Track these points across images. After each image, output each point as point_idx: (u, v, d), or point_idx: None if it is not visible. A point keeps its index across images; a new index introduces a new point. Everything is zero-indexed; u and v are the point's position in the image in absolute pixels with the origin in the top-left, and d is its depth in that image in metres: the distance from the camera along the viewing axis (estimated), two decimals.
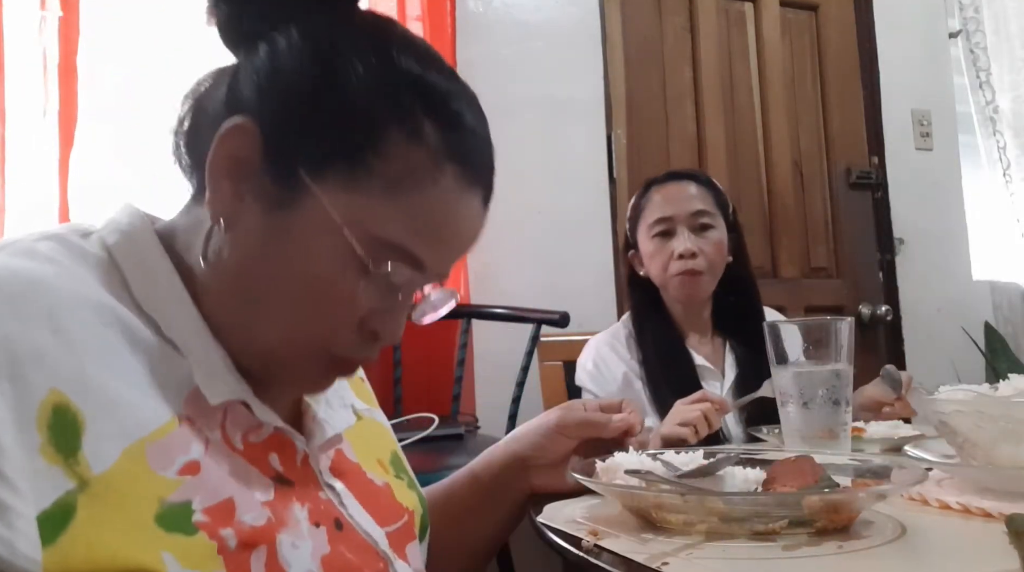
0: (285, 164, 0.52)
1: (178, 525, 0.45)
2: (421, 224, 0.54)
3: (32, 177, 1.62)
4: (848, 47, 2.72)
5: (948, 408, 0.74)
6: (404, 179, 0.53)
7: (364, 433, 0.69)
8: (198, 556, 0.45)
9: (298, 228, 0.52)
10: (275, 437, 0.55)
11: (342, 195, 0.52)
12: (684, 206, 1.48)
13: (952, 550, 0.58)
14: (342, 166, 0.52)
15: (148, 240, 0.55)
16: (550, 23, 2.27)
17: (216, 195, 0.53)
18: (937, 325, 2.66)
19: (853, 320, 0.95)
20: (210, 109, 0.56)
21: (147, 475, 0.46)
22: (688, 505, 0.61)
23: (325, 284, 0.53)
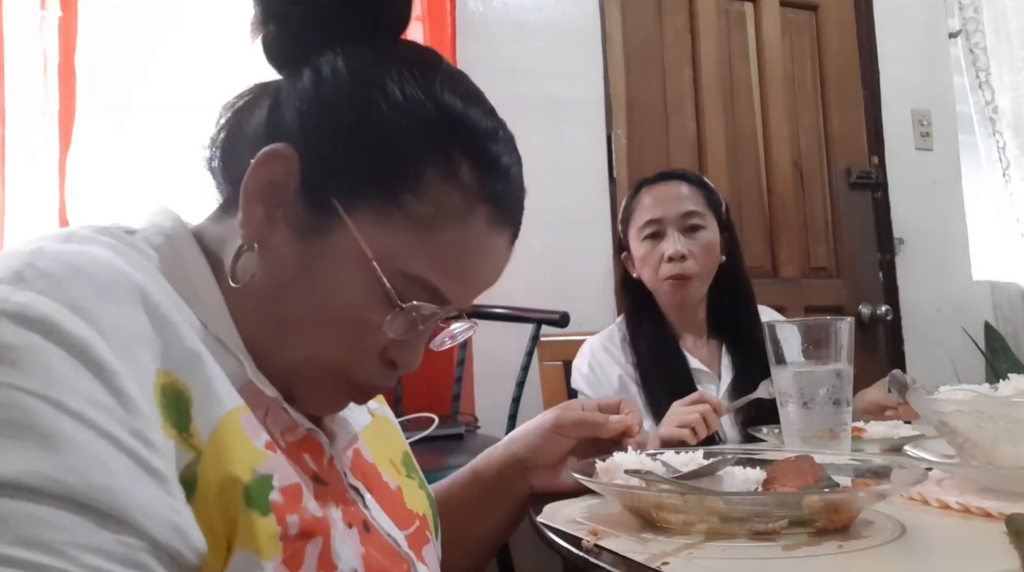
0: (320, 193, 0.53)
1: (257, 502, 0.46)
2: (449, 262, 0.55)
3: (32, 177, 1.62)
4: (848, 47, 2.72)
5: (948, 408, 0.74)
6: (436, 218, 0.53)
7: (378, 433, 0.69)
8: (264, 538, 0.46)
9: (328, 257, 0.53)
10: (307, 438, 0.56)
11: (373, 228, 0.53)
12: (673, 207, 1.46)
13: (952, 550, 0.58)
14: (375, 200, 0.53)
15: (190, 246, 0.55)
16: (550, 23, 2.27)
17: (250, 218, 0.53)
18: (937, 325, 2.66)
19: (853, 320, 0.95)
20: (249, 127, 0.57)
21: (243, 441, 0.48)
22: (688, 505, 0.61)
23: (351, 313, 0.54)
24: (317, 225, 0.53)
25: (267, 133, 0.54)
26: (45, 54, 1.62)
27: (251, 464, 0.47)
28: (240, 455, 0.47)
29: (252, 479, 0.46)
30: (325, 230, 0.53)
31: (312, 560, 0.48)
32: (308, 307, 0.54)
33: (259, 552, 0.45)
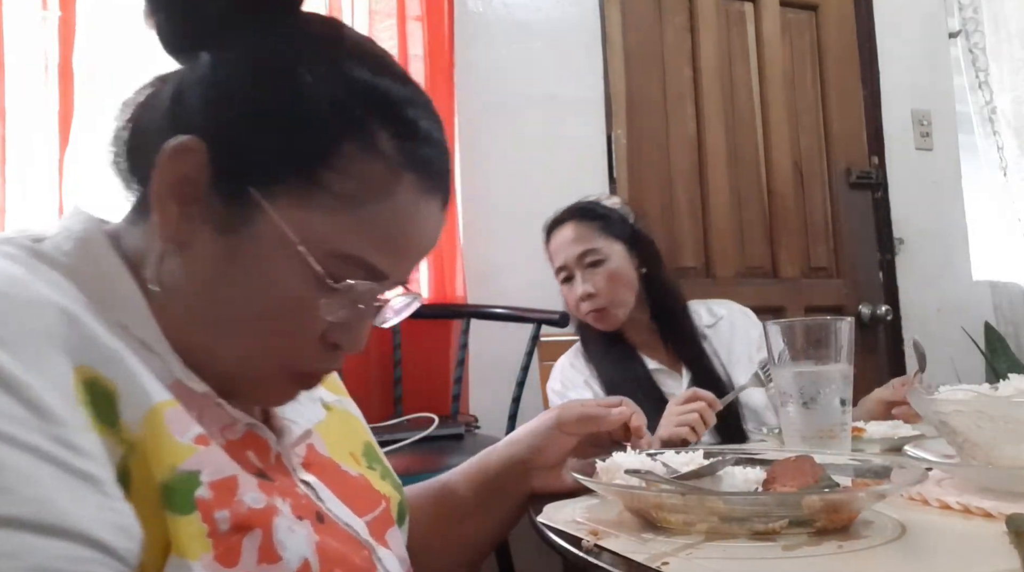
0: (234, 183, 0.51)
1: (176, 500, 0.45)
2: (380, 236, 0.53)
3: (31, 176, 1.62)
4: (848, 47, 2.72)
5: (948, 408, 0.74)
6: (360, 192, 0.52)
7: (335, 426, 0.68)
8: (186, 538, 0.44)
9: (253, 248, 0.51)
10: (249, 435, 0.55)
11: (296, 212, 0.51)
12: (569, 252, 1.53)
13: (952, 550, 0.58)
14: (294, 183, 0.51)
15: (104, 249, 0.53)
16: (550, 23, 2.27)
17: (165, 218, 0.51)
18: (937, 325, 2.66)
19: (853, 320, 0.95)
20: (152, 122, 0.54)
21: (166, 437, 0.46)
22: (688, 505, 0.61)
23: (285, 303, 0.52)
24: (237, 217, 0.51)
25: (171, 126, 0.51)
26: (45, 54, 1.62)
27: (172, 463, 0.46)
28: (162, 453, 0.45)
29: (171, 477, 0.45)
30: (246, 221, 0.51)
31: (251, 553, 0.47)
32: (240, 303, 0.52)
33: (183, 553, 0.44)
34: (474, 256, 2.09)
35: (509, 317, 1.91)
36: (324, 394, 0.70)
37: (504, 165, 2.16)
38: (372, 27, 2.00)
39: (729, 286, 2.38)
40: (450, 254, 2.01)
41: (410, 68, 2.00)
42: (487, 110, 2.15)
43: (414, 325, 1.93)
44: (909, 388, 1.19)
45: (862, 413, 1.24)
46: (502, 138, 2.16)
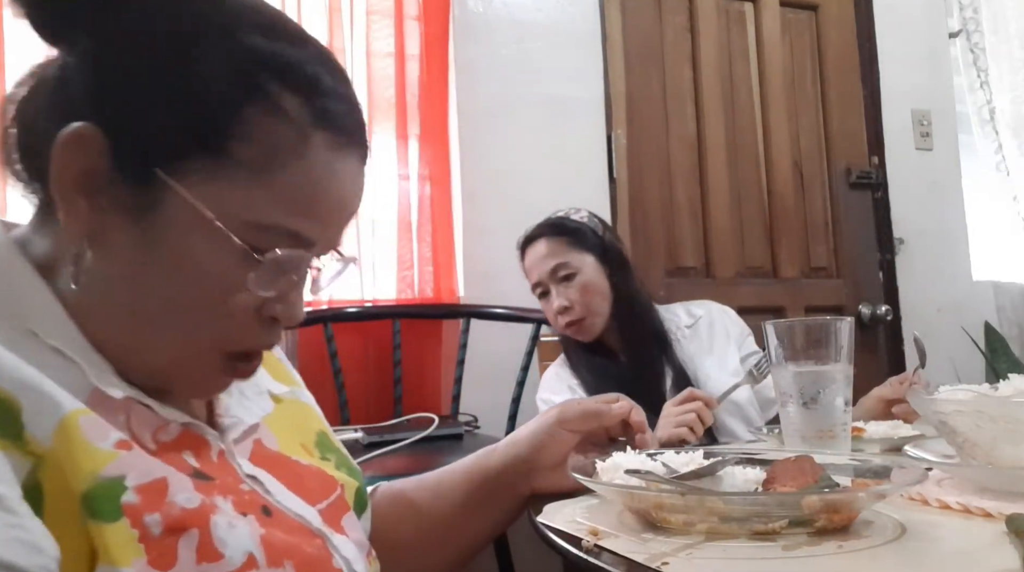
0: (139, 166, 0.49)
1: (101, 508, 0.44)
2: (299, 200, 0.51)
3: None
4: (848, 47, 2.72)
5: (948, 408, 0.73)
6: (272, 158, 0.50)
7: (286, 418, 0.66)
8: (116, 546, 0.43)
9: (169, 232, 0.49)
10: (186, 435, 0.54)
11: (208, 187, 0.49)
12: (542, 267, 1.56)
13: (952, 550, 0.58)
14: (201, 157, 0.49)
15: (11, 254, 0.51)
16: (550, 23, 2.27)
17: (71, 214, 0.49)
18: (937, 325, 2.66)
19: (853, 320, 0.95)
20: (38, 115, 0.51)
21: (83, 445, 0.45)
22: (688, 505, 0.61)
23: (212, 283, 0.51)
24: (148, 201, 0.49)
25: (59, 116, 0.48)
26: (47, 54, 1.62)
27: (92, 470, 0.44)
28: (79, 462, 0.44)
29: (93, 485, 0.44)
30: (158, 204, 0.49)
31: (189, 554, 0.46)
32: (166, 290, 0.50)
33: (113, 561, 0.43)
34: (474, 256, 2.09)
35: (509, 317, 1.92)
36: (273, 386, 0.68)
37: (504, 165, 2.16)
38: (369, 26, 2.00)
39: (729, 286, 2.39)
40: (449, 254, 2.01)
41: (407, 68, 2.00)
42: (487, 110, 2.15)
43: (414, 325, 1.93)
44: (908, 386, 1.20)
45: (861, 412, 1.24)
46: (502, 138, 2.16)
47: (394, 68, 1.99)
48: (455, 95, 2.12)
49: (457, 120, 2.12)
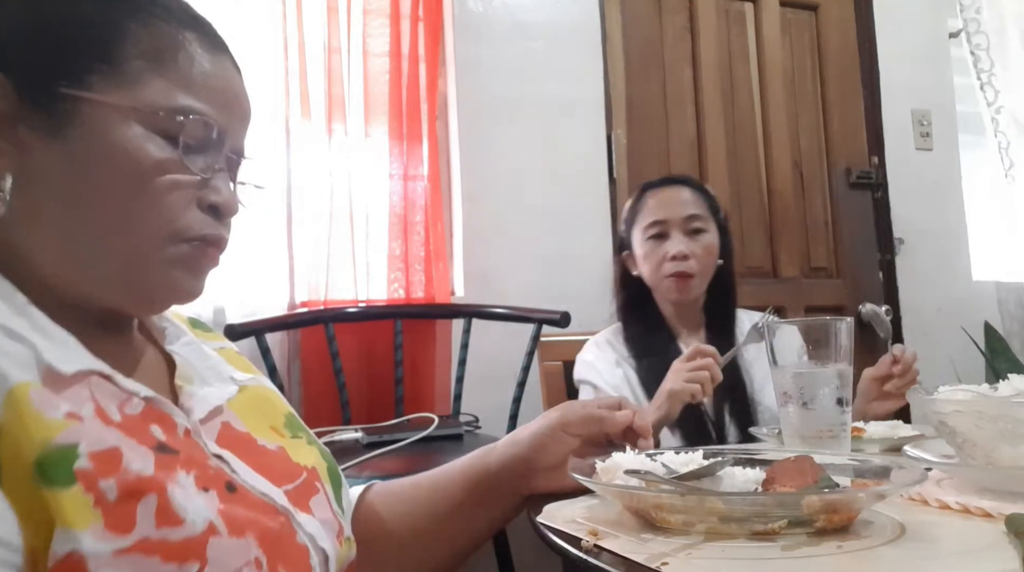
0: (43, 91, 0.53)
1: (56, 474, 0.45)
2: (193, 82, 0.56)
3: None
4: (848, 47, 2.73)
5: (948, 408, 0.73)
6: (160, 53, 0.55)
7: (251, 402, 0.68)
8: (72, 509, 0.44)
9: (91, 140, 0.53)
10: (151, 410, 0.54)
11: (113, 92, 0.53)
12: (678, 210, 1.53)
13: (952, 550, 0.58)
14: (98, 67, 0.53)
15: None
16: (550, 23, 2.27)
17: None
18: (937, 325, 2.66)
19: (853, 320, 0.95)
20: None
21: (33, 415, 0.46)
22: (688, 505, 0.61)
23: (146, 175, 0.54)
24: (60, 121, 0.53)
25: None
26: None
27: (44, 438, 0.45)
28: (31, 430, 0.45)
29: (44, 452, 0.45)
30: (73, 118, 0.53)
31: (147, 518, 0.47)
32: (102, 197, 0.53)
33: (70, 524, 0.44)
34: (474, 256, 2.09)
35: (509, 317, 1.92)
36: (235, 373, 0.69)
37: (504, 165, 2.16)
38: (366, 25, 2.00)
39: None
40: (442, 254, 2.01)
41: (402, 67, 2.00)
42: (487, 110, 2.15)
43: (415, 325, 1.93)
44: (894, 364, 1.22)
45: (860, 396, 1.26)
46: (502, 138, 2.16)
47: (389, 67, 1.99)
48: (455, 95, 2.13)
49: (457, 120, 2.12)
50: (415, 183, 1.99)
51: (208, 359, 0.68)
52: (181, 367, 0.63)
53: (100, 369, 0.52)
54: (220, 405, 0.62)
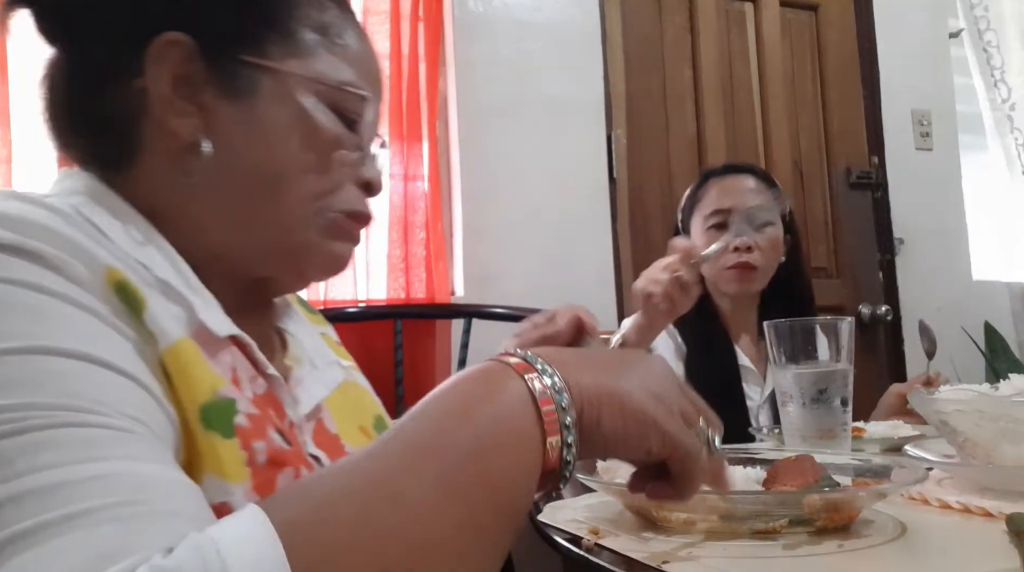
0: (228, 58, 0.54)
1: (218, 422, 0.45)
2: (354, 59, 0.59)
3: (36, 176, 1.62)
4: (848, 47, 2.72)
5: (948, 408, 0.74)
6: (328, 31, 0.57)
7: (347, 398, 0.68)
8: (228, 462, 0.45)
9: (271, 107, 0.55)
10: (270, 394, 0.55)
11: (291, 62, 0.55)
12: (743, 199, 1.45)
13: (952, 549, 0.58)
14: (276, 37, 0.55)
15: (112, 198, 0.53)
16: (550, 23, 2.27)
17: (182, 117, 0.53)
18: (937, 325, 2.64)
19: (853, 320, 0.95)
20: (90, 63, 0.55)
21: (203, 364, 0.47)
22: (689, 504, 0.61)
23: (322, 146, 0.56)
24: (245, 87, 0.54)
25: (119, 55, 0.53)
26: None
27: (211, 385, 0.46)
28: (198, 375, 0.46)
29: (212, 400, 0.46)
30: (255, 87, 0.54)
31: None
32: (286, 162, 0.55)
33: (225, 476, 0.44)
34: (474, 256, 2.09)
35: (509, 317, 1.91)
36: (340, 360, 0.70)
37: (504, 165, 2.16)
38: (365, 25, 2.00)
39: None
40: (442, 254, 2.01)
41: (402, 68, 2.00)
42: (487, 110, 2.15)
43: (415, 325, 1.93)
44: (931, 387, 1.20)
45: (882, 407, 1.25)
46: (502, 138, 2.16)
47: (389, 67, 1.99)
48: (455, 95, 2.12)
49: (457, 120, 2.12)
50: (415, 183, 1.99)
51: (315, 340, 0.69)
52: (292, 346, 0.64)
53: (242, 337, 0.53)
54: (320, 403, 0.62)
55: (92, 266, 0.44)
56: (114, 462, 0.36)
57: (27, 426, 0.35)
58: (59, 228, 0.44)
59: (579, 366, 0.48)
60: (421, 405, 0.43)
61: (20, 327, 0.38)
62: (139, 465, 0.37)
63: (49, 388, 0.37)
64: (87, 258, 0.44)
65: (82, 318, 0.41)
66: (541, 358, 0.47)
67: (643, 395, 0.48)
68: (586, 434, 0.46)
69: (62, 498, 0.33)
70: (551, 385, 0.45)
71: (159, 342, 0.45)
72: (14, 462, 0.34)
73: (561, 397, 0.45)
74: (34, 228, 0.43)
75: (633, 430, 0.47)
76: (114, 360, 0.40)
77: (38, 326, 0.39)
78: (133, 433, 0.38)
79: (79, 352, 0.39)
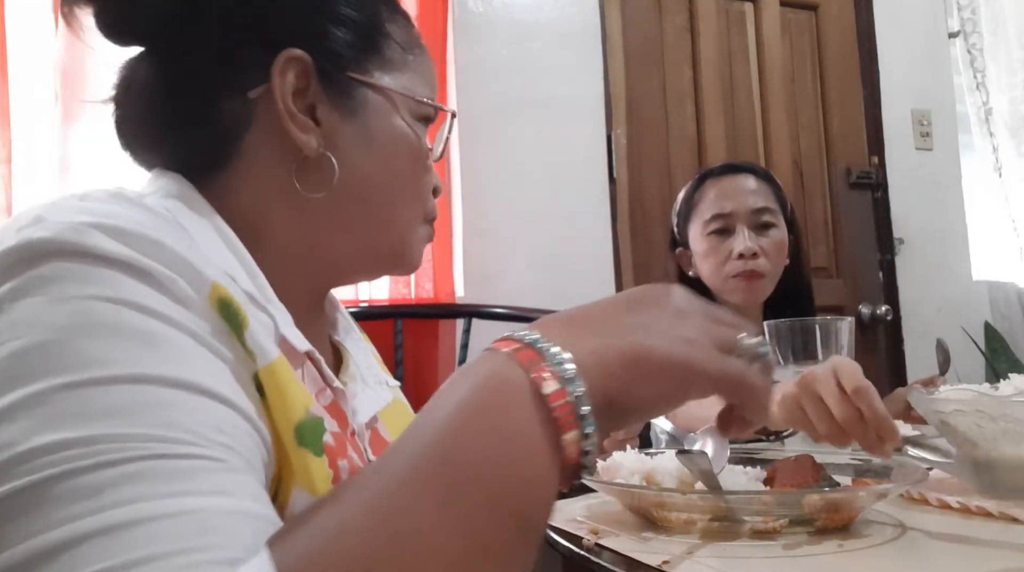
0: (338, 75, 0.57)
1: (311, 441, 0.47)
2: (429, 77, 0.63)
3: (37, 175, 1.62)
4: (848, 47, 2.72)
5: (948, 408, 0.74)
6: (409, 50, 0.61)
7: (396, 412, 0.70)
8: (319, 479, 0.46)
9: (377, 122, 0.58)
10: (335, 405, 0.56)
11: (387, 79, 0.59)
12: (744, 202, 1.37)
13: (952, 549, 0.58)
14: (373, 57, 0.59)
15: (202, 204, 0.54)
16: (550, 23, 2.27)
17: (306, 131, 0.55)
18: (937, 325, 2.65)
19: (853, 320, 0.95)
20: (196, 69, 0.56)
21: (296, 382, 0.48)
22: (689, 504, 0.61)
23: (420, 159, 0.61)
24: (355, 103, 0.57)
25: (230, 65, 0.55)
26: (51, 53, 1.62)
27: (305, 404, 0.48)
28: (293, 394, 0.47)
29: (306, 417, 0.47)
30: (363, 103, 0.57)
31: None
32: (393, 176, 0.59)
33: (315, 492, 0.45)
34: (474, 256, 2.09)
35: (509, 317, 1.92)
36: (388, 379, 0.72)
37: (504, 165, 2.16)
38: None
39: None
40: (446, 254, 2.01)
41: None
42: (487, 110, 2.15)
43: (415, 325, 1.93)
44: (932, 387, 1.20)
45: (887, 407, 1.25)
46: (502, 138, 2.16)
47: None
48: (455, 95, 2.13)
49: (457, 120, 2.12)
50: None
51: (368, 358, 0.71)
52: (348, 363, 0.65)
53: (314, 353, 0.54)
54: (376, 414, 0.64)
55: (197, 283, 0.44)
56: (195, 498, 0.36)
57: (122, 458, 0.36)
58: (167, 242, 0.44)
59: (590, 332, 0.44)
60: (421, 415, 0.41)
61: (129, 353, 0.39)
62: (217, 501, 0.37)
63: (149, 418, 0.37)
64: (193, 275, 0.44)
65: (185, 342, 0.41)
66: (544, 336, 0.43)
67: (667, 343, 0.43)
68: (615, 410, 0.42)
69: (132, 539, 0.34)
70: (560, 373, 0.40)
71: (257, 360, 0.46)
72: (102, 494, 0.35)
73: (574, 386, 0.40)
74: (144, 242, 0.43)
75: (668, 386, 0.43)
76: (212, 385, 0.41)
77: (145, 353, 0.39)
78: (223, 461, 0.38)
79: (180, 380, 0.39)
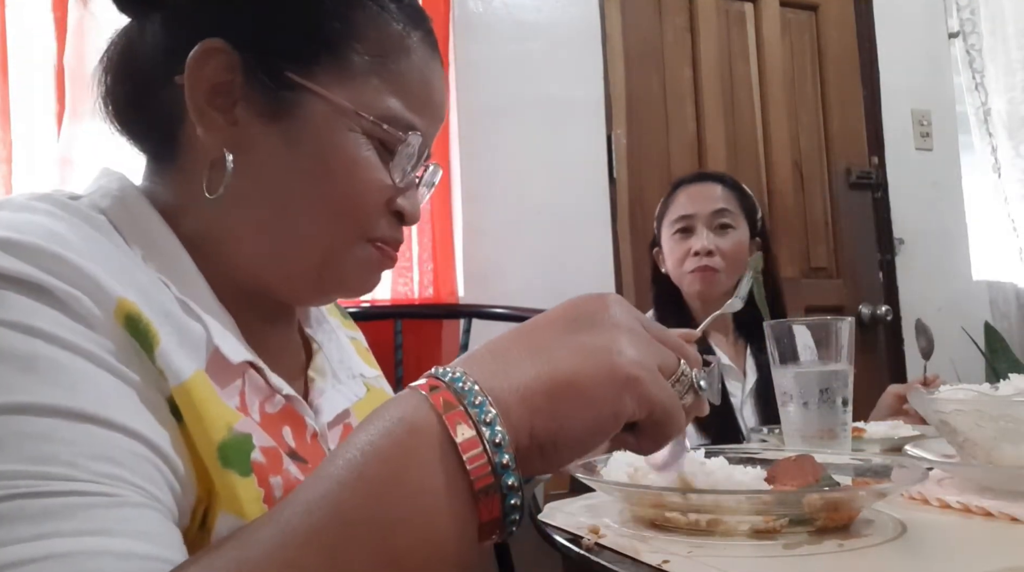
0: (270, 73, 0.52)
1: (236, 460, 0.44)
2: (412, 92, 0.55)
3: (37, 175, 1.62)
4: (848, 47, 2.73)
5: (948, 407, 0.74)
6: (385, 54, 0.54)
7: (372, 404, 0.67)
8: (247, 500, 0.44)
9: (309, 131, 0.52)
10: (288, 410, 0.54)
11: (338, 85, 0.52)
12: (705, 205, 1.52)
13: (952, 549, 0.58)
14: (326, 58, 0.52)
15: (142, 205, 0.52)
16: (550, 23, 2.27)
17: (211, 129, 0.51)
18: (937, 325, 2.64)
19: (853, 320, 0.95)
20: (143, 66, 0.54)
21: (216, 400, 0.46)
22: (689, 503, 0.61)
23: (354, 175, 0.53)
24: (284, 106, 0.52)
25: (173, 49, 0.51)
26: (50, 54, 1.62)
27: (227, 422, 0.45)
28: (213, 412, 0.45)
29: (229, 437, 0.45)
30: (294, 107, 0.52)
31: None
32: (310, 187, 0.53)
33: (242, 515, 0.44)
34: (474, 256, 2.09)
35: (509, 317, 1.91)
36: (364, 370, 0.69)
37: (504, 165, 2.16)
38: None
39: None
40: (448, 254, 2.01)
41: None
42: (487, 110, 2.15)
43: (415, 325, 1.93)
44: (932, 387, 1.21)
45: (881, 408, 1.27)
46: (502, 138, 2.16)
47: None
48: (455, 95, 2.12)
49: (457, 120, 2.12)
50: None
51: (343, 350, 0.67)
52: (317, 358, 0.63)
53: (256, 362, 0.52)
54: (347, 408, 0.62)
55: (101, 299, 0.42)
56: (65, 540, 0.34)
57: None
58: (70, 257, 0.41)
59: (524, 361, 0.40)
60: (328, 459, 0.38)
61: (3, 380, 0.36)
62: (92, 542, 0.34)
63: (20, 452, 0.35)
64: (96, 291, 0.42)
65: (77, 365, 0.39)
66: (468, 373, 0.39)
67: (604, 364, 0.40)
68: (548, 449, 0.38)
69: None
70: (478, 417, 0.36)
71: (168, 380, 0.43)
72: None
73: (493, 431, 0.36)
74: (43, 257, 0.41)
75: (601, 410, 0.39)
76: (103, 411, 0.38)
77: (22, 378, 0.37)
78: (110, 497, 0.36)
79: (61, 407, 0.37)
